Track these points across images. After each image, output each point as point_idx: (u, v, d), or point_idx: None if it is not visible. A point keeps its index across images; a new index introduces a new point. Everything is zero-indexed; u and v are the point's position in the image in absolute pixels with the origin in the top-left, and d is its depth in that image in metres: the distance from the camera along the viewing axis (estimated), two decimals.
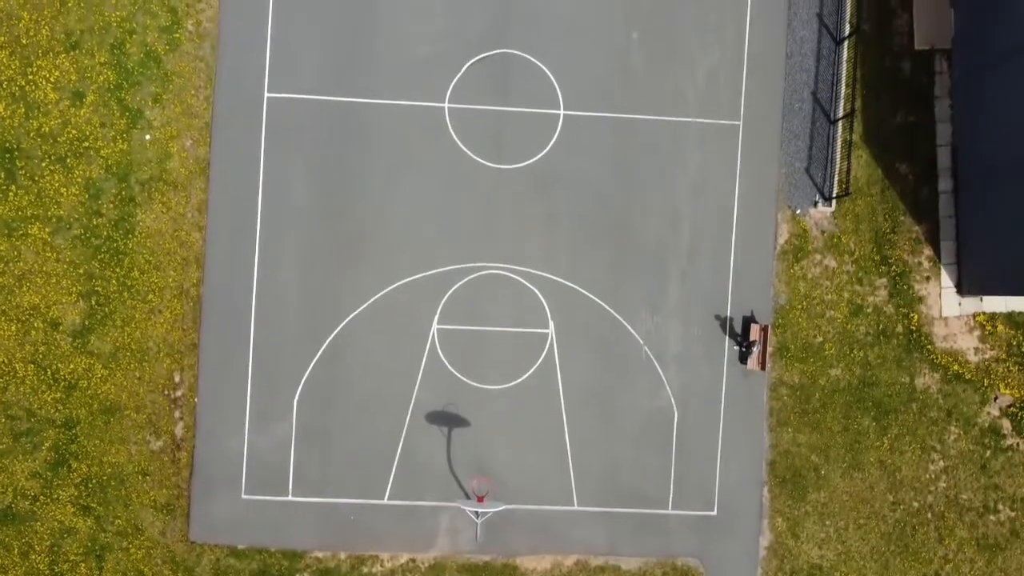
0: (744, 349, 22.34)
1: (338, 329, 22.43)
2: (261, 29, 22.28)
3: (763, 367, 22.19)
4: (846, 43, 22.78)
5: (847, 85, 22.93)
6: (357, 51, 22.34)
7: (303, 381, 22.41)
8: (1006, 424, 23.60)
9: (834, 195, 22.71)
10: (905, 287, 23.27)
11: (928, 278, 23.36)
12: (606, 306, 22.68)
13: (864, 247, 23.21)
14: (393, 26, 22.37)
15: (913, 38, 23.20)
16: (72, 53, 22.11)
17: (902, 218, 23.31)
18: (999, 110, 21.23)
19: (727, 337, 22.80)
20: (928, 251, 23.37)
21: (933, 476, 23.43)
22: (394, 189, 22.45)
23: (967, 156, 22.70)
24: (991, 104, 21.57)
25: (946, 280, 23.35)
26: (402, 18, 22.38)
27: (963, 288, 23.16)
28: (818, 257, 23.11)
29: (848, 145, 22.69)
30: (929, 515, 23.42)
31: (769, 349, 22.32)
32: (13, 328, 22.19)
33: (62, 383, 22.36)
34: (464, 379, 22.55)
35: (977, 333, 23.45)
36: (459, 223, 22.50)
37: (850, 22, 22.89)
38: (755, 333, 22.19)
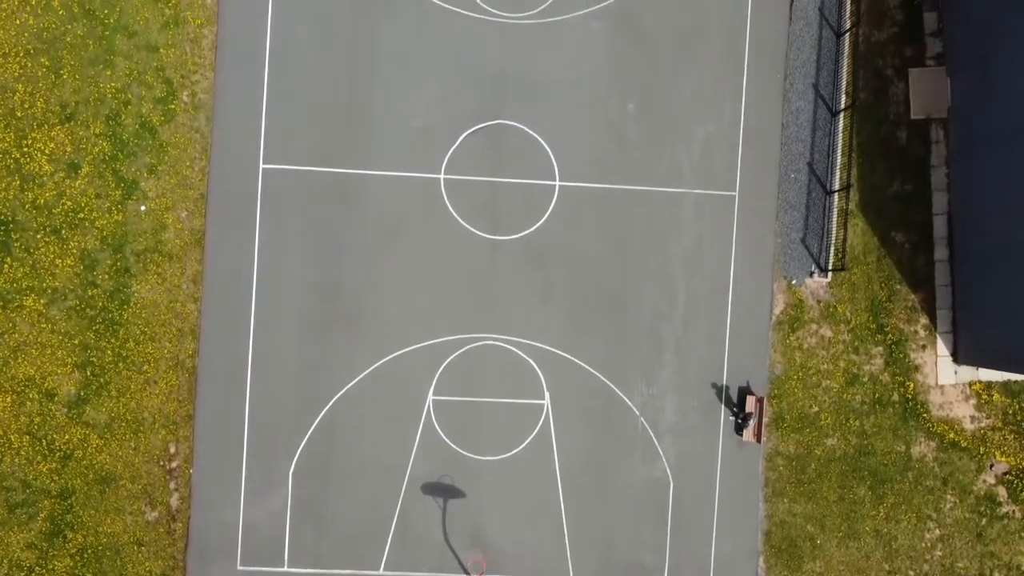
0: (740, 421, 22.33)
1: (333, 400, 22.41)
2: (256, 100, 22.27)
3: (759, 439, 22.17)
4: (842, 114, 22.75)
5: (843, 155, 22.91)
6: (352, 122, 22.32)
7: (299, 452, 22.40)
8: (1002, 492, 23.58)
9: (830, 268, 22.69)
10: (901, 355, 23.25)
11: (924, 346, 23.35)
12: (602, 377, 22.67)
13: (860, 316, 23.19)
14: (388, 97, 22.35)
15: (909, 107, 23.17)
16: (67, 125, 22.10)
17: (898, 287, 23.29)
18: (995, 187, 21.22)
19: (723, 407, 22.78)
20: (924, 320, 23.36)
21: (929, 545, 23.41)
22: (390, 260, 22.44)
23: (963, 227, 22.68)
24: (987, 179, 21.55)
25: (942, 348, 23.33)
26: (397, 89, 22.36)
27: (959, 357, 23.14)
28: (814, 327, 23.09)
29: (844, 218, 22.66)
30: None
31: (765, 420, 22.31)
32: (8, 399, 22.18)
33: (57, 453, 22.36)
34: (460, 450, 22.54)
35: (973, 401, 23.44)
36: (455, 294, 22.48)
37: (846, 92, 22.87)
38: (751, 405, 22.18)
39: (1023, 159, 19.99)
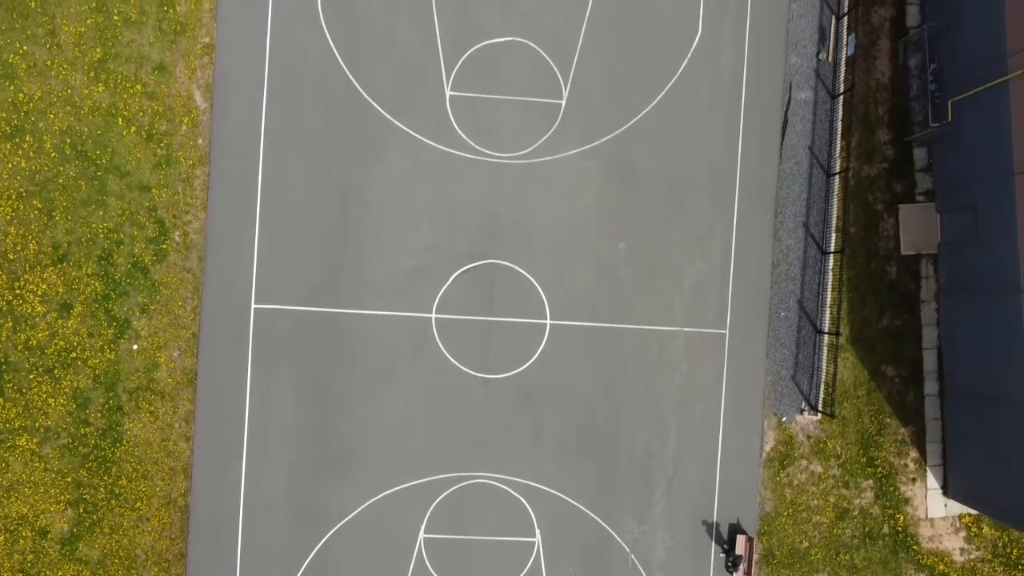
0: (730, 564, 22.39)
1: (326, 538, 22.47)
2: (248, 240, 22.33)
3: None
4: (832, 254, 22.83)
5: (833, 289, 22.98)
6: (344, 262, 22.39)
7: None
8: None
9: (819, 409, 22.77)
10: (891, 488, 23.34)
11: (914, 480, 23.44)
12: (592, 515, 22.75)
13: (850, 449, 23.28)
14: (380, 237, 22.43)
15: (899, 242, 23.24)
16: (60, 266, 22.17)
17: (888, 420, 23.38)
18: (981, 334, 21.27)
19: (713, 544, 22.85)
20: (914, 453, 23.44)
21: None
22: (381, 399, 22.50)
23: (952, 363, 22.73)
24: (974, 324, 21.60)
25: (932, 481, 23.41)
26: (389, 229, 22.43)
27: (949, 491, 23.22)
28: (804, 463, 23.18)
29: (835, 362, 22.73)
30: None
31: (755, 558, 22.38)
32: (1, 538, 22.25)
33: None
34: None
35: (963, 534, 23.52)
36: (446, 433, 22.56)
37: (837, 229, 22.94)
38: (741, 547, 22.25)
39: (1009, 318, 20.02)
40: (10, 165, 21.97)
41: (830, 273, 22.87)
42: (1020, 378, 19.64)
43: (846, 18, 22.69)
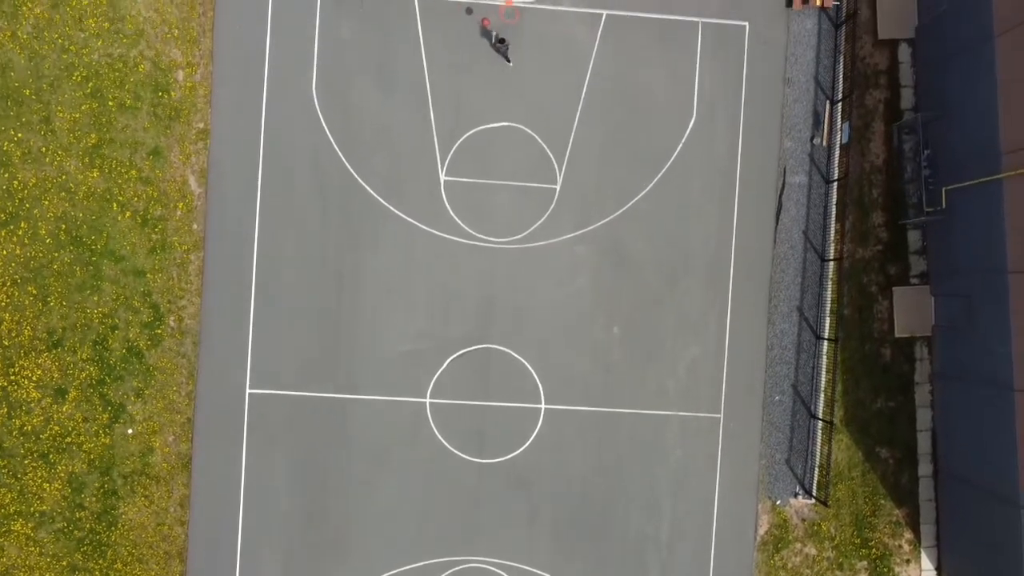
0: None
1: None
2: (243, 326, 22.35)
3: None
4: (826, 340, 22.86)
5: (828, 373, 23.00)
6: (339, 347, 22.40)
7: None
8: None
9: (813, 495, 22.78)
10: (886, 570, 23.36)
11: (908, 561, 23.46)
12: None
13: (844, 531, 23.30)
14: (375, 322, 22.44)
15: (893, 324, 23.25)
16: (54, 351, 22.18)
17: (882, 502, 23.40)
18: (975, 426, 21.28)
19: None
20: (908, 534, 23.46)
21: None
22: (376, 483, 22.52)
23: (947, 447, 22.75)
24: (968, 413, 21.60)
25: (926, 562, 23.43)
26: (384, 314, 22.45)
27: (943, 572, 23.24)
28: (798, 546, 23.20)
29: (828, 452, 22.76)
30: None
31: None
32: None
33: None
34: None
35: None
36: (441, 517, 22.58)
37: (831, 313, 22.96)
38: None
39: (1001, 414, 20.01)
40: (5, 252, 21.99)
41: (824, 358, 22.88)
42: (1009, 477, 19.64)
43: (840, 103, 22.69)
